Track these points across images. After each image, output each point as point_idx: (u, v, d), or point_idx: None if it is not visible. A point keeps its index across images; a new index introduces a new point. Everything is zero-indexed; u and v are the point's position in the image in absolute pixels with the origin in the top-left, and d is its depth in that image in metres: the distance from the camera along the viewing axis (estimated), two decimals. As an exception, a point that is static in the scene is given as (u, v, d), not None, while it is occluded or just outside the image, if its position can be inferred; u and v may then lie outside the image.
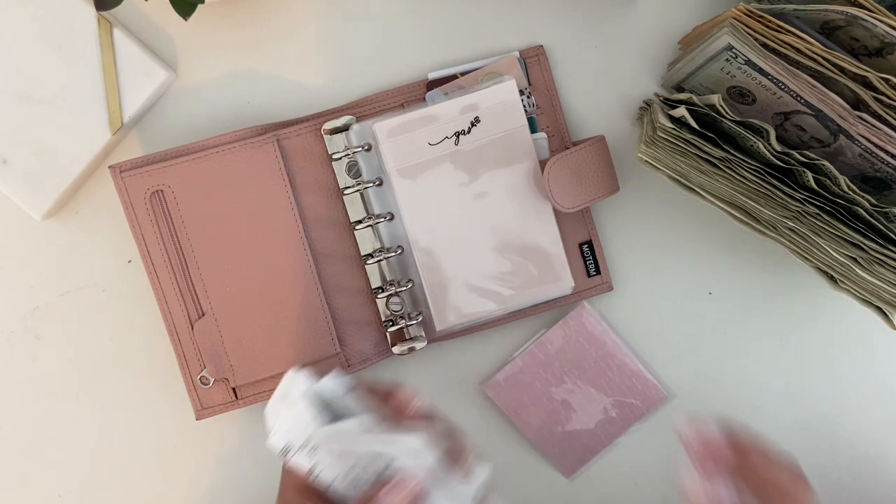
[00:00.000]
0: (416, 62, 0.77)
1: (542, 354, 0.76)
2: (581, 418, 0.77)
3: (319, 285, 0.74)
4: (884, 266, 0.65)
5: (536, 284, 0.75)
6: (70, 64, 0.74)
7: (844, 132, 0.66)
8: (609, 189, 0.74)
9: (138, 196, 0.73)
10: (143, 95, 0.74)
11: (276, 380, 0.74)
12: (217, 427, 0.78)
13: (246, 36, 0.77)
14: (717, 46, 0.67)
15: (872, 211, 0.64)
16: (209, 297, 0.73)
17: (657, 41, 0.77)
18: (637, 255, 0.78)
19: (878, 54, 0.67)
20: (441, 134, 0.74)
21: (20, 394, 0.78)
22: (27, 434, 0.78)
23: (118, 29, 0.74)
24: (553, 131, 0.76)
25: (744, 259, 0.78)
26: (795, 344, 0.79)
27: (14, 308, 0.78)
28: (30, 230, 0.77)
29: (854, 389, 0.79)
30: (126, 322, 0.78)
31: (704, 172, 0.68)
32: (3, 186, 0.74)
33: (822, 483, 0.79)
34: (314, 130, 0.75)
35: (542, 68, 0.76)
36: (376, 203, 0.75)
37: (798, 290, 0.79)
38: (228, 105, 0.77)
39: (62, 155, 0.74)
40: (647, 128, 0.71)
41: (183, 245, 0.73)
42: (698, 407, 0.79)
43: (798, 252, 0.68)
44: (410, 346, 0.76)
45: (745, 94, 0.70)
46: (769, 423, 0.79)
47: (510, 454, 0.79)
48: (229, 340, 0.74)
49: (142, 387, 0.78)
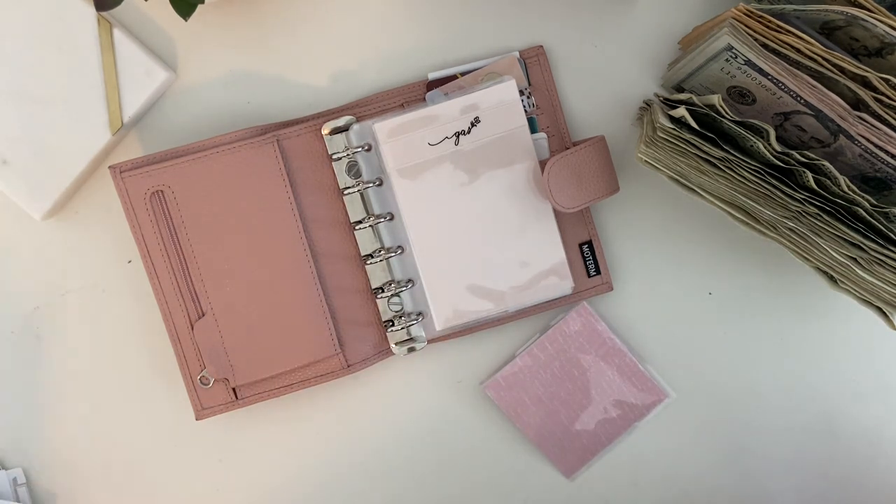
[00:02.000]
0: (416, 62, 0.77)
1: (542, 354, 0.76)
2: (581, 418, 0.77)
3: (319, 285, 0.74)
4: (884, 266, 0.65)
5: (536, 284, 0.75)
6: (70, 64, 0.74)
7: (844, 132, 0.66)
8: (609, 189, 0.74)
9: (138, 196, 0.73)
10: (143, 95, 0.74)
11: (276, 380, 0.75)
12: (217, 427, 0.78)
13: (246, 36, 0.77)
14: (717, 46, 0.67)
15: (872, 211, 0.64)
16: (209, 297, 0.73)
17: (657, 41, 0.77)
18: (637, 255, 0.78)
19: (878, 54, 0.67)
20: (441, 134, 0.74)
21: (20, 394, 0.78)
22: (27, 434, 0.78)
23: (118, 29, 0.74)
24: (553, 131, 0.76)
25: (744, 259, 0.78)
26: (795, 344, 0.79)
27: (14, 308, 0.78)
28: (30, 230, 0.77)
29: (854, 389, 0.79)
30: (126, 322, 0.78)
31: (704, 172, 0.68)
32: (3, 186, 0.74)
33: (823, 483, 0.79)
34: (314, 130, 0.75)
35: (542, 68, 0.76)
36: (376, 203, 0.75)
37: (798, 291, 0.79)
38: (228, 105, 0.77)
39: (62, 155, 0.74)
40: (647, 128, 0.71)
41: (183, 245, 0.73)
42: (698, 407, 0.79)
43: (798, 252, 0.68)
44: (410, 346, 0.76)
45: (745, 94, 0.70)
46: (769, 422, 0.79)
47: (510, 454, 0.79)
48: (229, 340, 0.74)
49: (142, 387, 0.78)
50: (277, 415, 0.78)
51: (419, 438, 0.79)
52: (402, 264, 0.76)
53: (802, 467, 0.79)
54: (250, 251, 0.73)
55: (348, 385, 0.78)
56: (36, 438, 0.78)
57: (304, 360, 0.74)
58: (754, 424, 0.79)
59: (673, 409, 0.79)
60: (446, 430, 0.79)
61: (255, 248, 0.74)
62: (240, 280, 0.73)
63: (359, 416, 0.78)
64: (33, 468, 0.78)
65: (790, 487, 0.79)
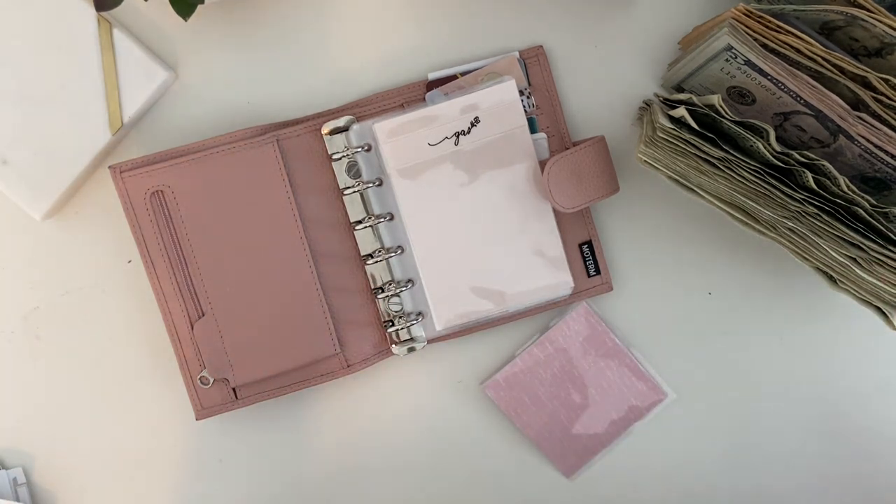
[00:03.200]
0: (416, 62, 0.77)
1: (542, 354, 0.77)
2: (581, 418, 0.77)
3: (319, 285, 0.74)
4: (883, 266, 0.65)
5: (536, 285, 0.75)
6: (70, 64, 0.74)
7: (844, 132, 0.66)
8: (609, 189, 0.74)
9: (138, 196, 0.73)
10: (143, 95, 0.74)
11: (275, 380, 0.75)
12: (217, 427, 0.78)
13: (246, 36, 0.77)
14: (716, 47, 0.67)
15: (872, 211, 0.64)
16: (209, 297, 0.73)
17: (657, 41, 0.77)
18: (637, 255, 0.78)
19: (877, 54, 0.67)
20: (441, 134, 0.74)
21: (20, 393, 0.78)
22: (27, 434, 0.78)
23: (118, 29, 0.74)
24: (553, 131, 0.76)
25: (744, 259, 0.78)
26: (795, 344, 0.79)
27: (14, 308, 0.78)
28: (30, 230, 0.77)
29: (854, 389, 0.79)
30: (126, 322, 0.78)
31: (704, 172, 0.68)
32: (3, 186, 0.74)
33: (823, 483, 0.79)
34: (314, 130, 0.75)
35: (542, 68, 0.76)
36: (376, 203, 0.75)
37: (798, 290, 0.79)
38: (228, 105, 0.77)
39: (62, 155, 0.74)
40: (647, 128, 0.71)
41: (183, 245, 0.73)
42: (698, 407, 0.79)
43: (798, 252, 0.68)
44: (410, 346, 0.76)
45: (744, 94, 0.70)
46: (769, 422, 0.79)
47: (510, 454, 0.79)
48: (229, 340, 0.74)
49: (142, 387, 0.78)
50: (277, 415, 0.78)
51: (419, 438, 0.79)
52: (402, 264, 0.76)
53: (802, 467, 0.79)
54: (250, 251, 0.73)
55: (348, 385, 0.78)
56: (36, 438, 0.78)
57: (304, 360, 0.74)
58: (754, 424, 0.79)
59: (673, 408, 0.79)
60: (446, 430, 0.79)
61: (255, 248, 0.74)
62: (240, 280, 0.73)
63: (359, 416, 0.78)
64: (33, 468, 0.78)
65: (790, 487, 0.79)
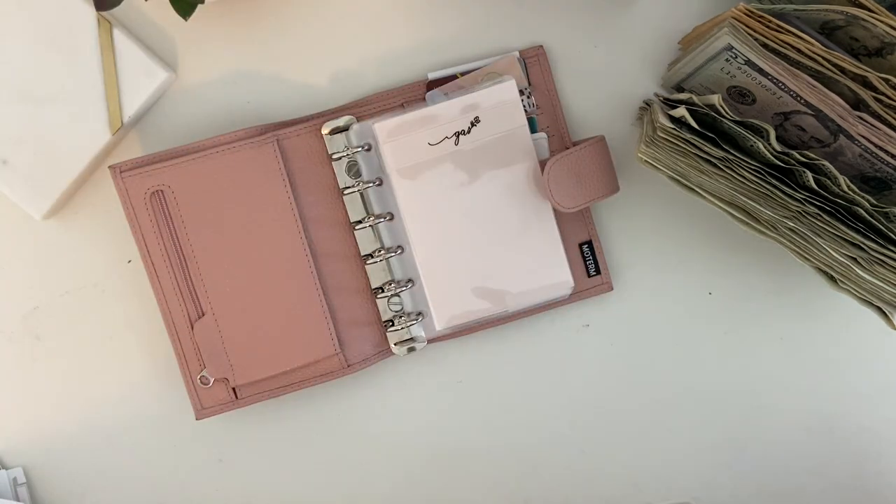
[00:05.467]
0: (416, 62, 0.77)
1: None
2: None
3: (319, 285, 0.74)
4: (884, 266, 0.65)
5: (536, 284, 0.75)
6: (70, 64, 0.74)
7: (844, 132, 0.66)
8: (609, 189, 0.74)
9: (138, 196, 0.73)
10: (143, 95, 0.74)
11: (275, 380, 0.75)
12: (217, 427, 0.78)
13: (246, 36, 0.77)
14: (717, 46, 0.67)
15: (872, 211, 0.64)
16: (209, 297, 0.73)
17: (657, 41, 0.77)
18: (637, 255, 0.78)
19: (878, 54, 0.67)
20: (441, 134, 0.74)
21: (20, 393, 0.78)
22: (27, 434, 0.78)
23: (118, 29, 0.74)
24: (553, 131, 0.76)
25: (744, 259, 0.78)
26: (795, 344, 0.79)
27: (14, 308, 0.78)
28: (30, 230, 0.77)
29: (854, 389, 0.79)
30: (126, 322, 0.78)
31: (704, 172, 0.68)
32: (3, 186, 0.74)
33: (823, 483, 0.79)
34: (314, 130, 0.75)
35: (542, 68, 0.76)
36: (376, 203, 0.75)
37: (798, 291, 0.79)
38: (228, 105, 0.77)
39: (62, 155, 0.74)
40: (647, 128, 0.71)
41: (183, 245, 0.73)
42: (698, 407, 0.79)
43: (798, 252, 0.68)
44: (410, 346, 0.76)
45: (745, 94, 0.70)
46: (769, 423, 0.79)
47: (511, 455, 0.79)
48: (229, 340, 0.74)
49: (142, 386, 0.78)
50: (277, 415, 0.78)
51: (419, 438, 0.79)
52: (402, 264, 0.76)
53: (802, 467, 0.79)
54: (250, 251, 0.74)
55: (348, 385, 0.78)
56: (36, 438, 0.78)
57: (304, 360, 0.74)
58: (754, 425, 0.79)
59: (673, 408, 0.79)
60: (446, 430, 0.79)
61: (255, 247, 0.74)
62: (240, 280, 0.73)
63: (359, 416, 0.78)
64: (33, 468, 0.78)
65: (790, 487, 0.79)
